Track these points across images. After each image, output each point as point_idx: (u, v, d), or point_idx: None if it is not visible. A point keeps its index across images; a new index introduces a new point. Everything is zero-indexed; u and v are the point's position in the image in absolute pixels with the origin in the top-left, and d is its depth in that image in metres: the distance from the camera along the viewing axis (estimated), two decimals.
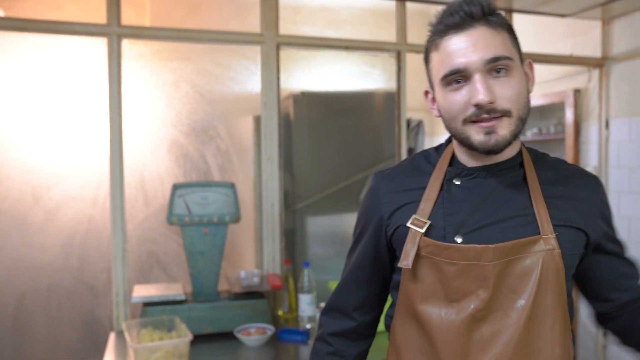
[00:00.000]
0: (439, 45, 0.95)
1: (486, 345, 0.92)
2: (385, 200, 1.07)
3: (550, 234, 0.94)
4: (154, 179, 2.36)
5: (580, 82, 3.01)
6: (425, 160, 1.09)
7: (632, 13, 2.67)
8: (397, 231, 1.03)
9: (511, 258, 0.92)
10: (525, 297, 0.92)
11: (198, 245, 2.09)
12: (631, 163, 2.71)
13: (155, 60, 2.34)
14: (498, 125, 0.92)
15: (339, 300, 1.15)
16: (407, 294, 1.01)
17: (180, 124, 2.38)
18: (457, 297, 0.94)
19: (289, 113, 2.51)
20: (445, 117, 0.98)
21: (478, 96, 0.90)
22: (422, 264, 0.98)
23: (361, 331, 1.15)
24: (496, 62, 0.91)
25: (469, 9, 0.92)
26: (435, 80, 0.99)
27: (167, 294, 2.02)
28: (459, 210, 0.98)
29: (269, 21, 2.23)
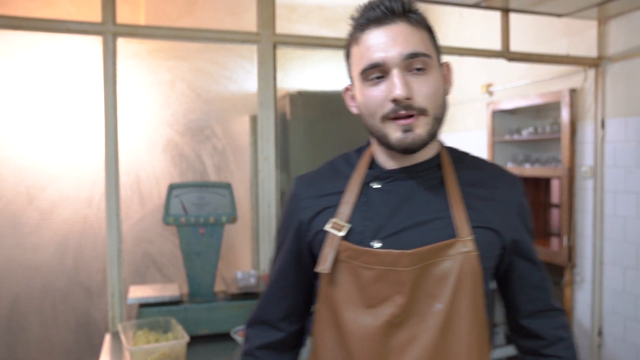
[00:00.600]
0: (359, 39, 0.93)
1: (403, 351, 0.92)
2: (305, 205, 1.04)
3: (467, 237, 0.93)
4: (150, 179, 2.34)
5: (576, 81, 3.02)
6: (345, 163, 1.07)
7: (628, 13, 2.67)
8: (317, 236, 1.01)
9: (428, 262, 0.92)
10: (442, 301, 0.92)
11: (194, 246, 2.08)
12: (627, 163, 2.72)
13: (151, 59, 2.33)
14: (415, 123, 0.91)
15: (264, 312, 1.11)
16: (325, 299, 0.99)
17: (176, 124, 2.37)
18: (374, 303, 0.93)
19: (286, 112, 2.49)
20: (365, 114, 0.96)
21: (395, 91, 0.89)
22: (341, 269, 0.96)
23: (289, 342, 1.12)
24: (414, 58, 0.90)
25: (390, 4, 0.91)
26: (354, 75, 0.96)
27: (163, 295, 2.01)
28: (377, 215, 0.97)
29: (265, 20, 2.22)
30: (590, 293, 2.91)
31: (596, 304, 2.88)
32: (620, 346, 2.73)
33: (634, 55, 2.65)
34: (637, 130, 2.65)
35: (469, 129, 4.03)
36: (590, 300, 2.91)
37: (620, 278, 2.76)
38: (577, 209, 3.06)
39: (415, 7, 0.95)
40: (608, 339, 2.81)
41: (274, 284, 1.11)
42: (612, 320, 2.80)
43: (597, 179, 2.91)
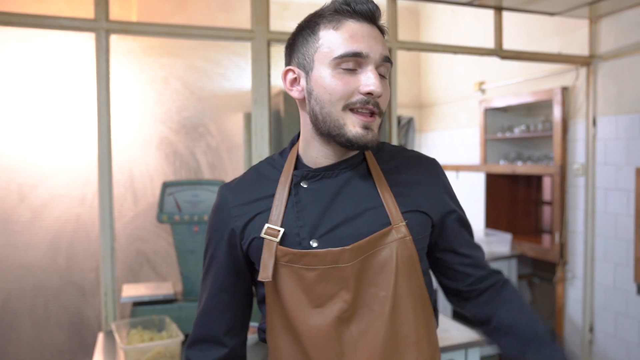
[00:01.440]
0: (342, 24, 0.93)
1: (357, 343, 0.93)
2: (235, 213, 1.02)
3: (400, 222, 0.96)
4: (144, 177, 2.33)
5: (567, 80, 3.04)
6: (270, 166, 1.06)
7: (618, 12, 2.69)
8: (252, 244, 1.00)
9: (367, 254, 0.94)
10: (386, 289, 0.94)
11: (188, 244, 2.07)
12: (617, 160, 2.75)
13: (144, 56, 2.31)
14: (373, 122, 0.94)
15: (205, 329, 1.07)
16: (273, 305, 0.99)
17: (170, 121, 2.35)
18: (321, 302, 0.94)
19: (280, 110, 2.49)
20: (323, 99, 0.94)
21: (372, 85, 0.90)
22: (282, 274, 0.96)
23: (234, 356, 1.09)
24: (386, 62, 0.94)
25: (375, 8, 0.95)
26: (320, 59, 0.94)
27: (157, 294, 2.00)
28: (310, 214, 0.97)
29: (259, 17, 2.21)
30: (582, 289, 2.94)
31: (587, 301, 2.91)
32: (611, 342, 2.76)
33: (625, 53, 2.68)
34: (628, 128, 2.68)
35: (462, 126, 4.05)
36: (581, 297, 2.93)
37: (611, 274, 2.79)
38: (569, 206, 3.09)
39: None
40: (599, 334, 2.84)
41: (213, 299, 1.07)
42: (603, 316, 2.83)
43: (589, 176, 2.93)
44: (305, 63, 0.97)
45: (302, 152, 1.03)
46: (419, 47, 2.53)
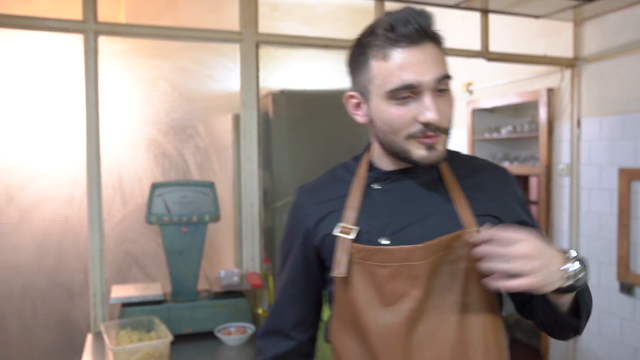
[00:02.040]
0: (390, 54, 0.91)
1: (425, 344, 0.93)
2: (308, 212, 1.06)
3: (473, 227, 0.96)
4: (132, 178, 2.33)
5: (553, 81, 3.08)
6: (344, 170, 1.09)
7: (602, 15, 2.74)
8: (324, 241, 1.03)
9: (439, 255, 0.94)
10: (456, 293, 0.94)
11: (177, 245, 2.08)
12: (601, 161, 2.79)
13: (133, 58, 2.31)
14: (438, 142, 0.94)
15: (275, 322, 1.13)
16: (342, 302, 1.01)
17: (159, 122, 2.36)
18: (391, 300, 0.94)
19: (268, 111, 2.50)
20: (383, 129, 0.96)
21: (428, 114, 0.90)
22: (354, 271, 0.98)
23: (301, 350, 1.14)
24: (444, 79, 0.92)
25: (423, 22, 0.90)
26: (375, 90, 0.94)
27: (145, 294, 2.00)
28: (382, 213, 0.99)
29: (248, 19, 2.22)
30: None
31: None
32: (595, 339, 2.81)
33: (608, 56, 2.73)
34: (611, 129, 2.72)
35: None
36: None
37: (595, 273, 2.84)
38: (554, 206, 3.14)
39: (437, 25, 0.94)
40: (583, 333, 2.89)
41: (283, 293, 1.13)
42: None
43: (573, 176, 2.98)
44: (364, 91, 0.98)
45: (374, 158, 1.06)
46: None
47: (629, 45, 2.61)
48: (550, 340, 3.12)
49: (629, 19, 2.60)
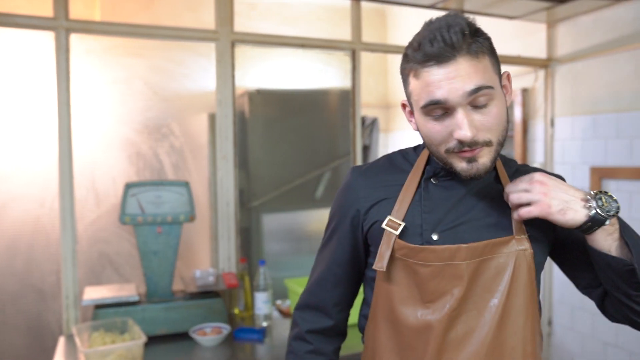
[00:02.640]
0: (419, 73, 0.92)
1: (460, 344, 0.94)
2: (362, 194, 1.06)
3: (522, 235, 0.96)
4: (106, 178, 2.30)
5: (527, 81, 3.13)
6: (403, 158, 1.10)
7: (574, 18, 2.79)
8: (373, 227, 1.04)
9: (484, 258, 0.94)
10: (498, 297, 0.94)
11: (152, 245, 2.06)
12: (573, 160, 2.85)
13: (106, 56, 2.28)
14: (479, 154, 0.92)
15: (316, 298, 1.14)
16: (382, 295, 1.02)
17: (133, 122, 2.33)
18: (432, 298, 0.95)
19: (244, 111, 2.49)
20: (427, 142, 0.98)
21: (460, 132, 0.89)
22: (397, 266, 0.99)
23: (337, 329, 1.16)
24: (477, 92, 0.88)
25: (450, 38, 0.87)
26: (414, 105, 0.97)
27: (119, 295, 1.98)
28: (436, 209, 0.99)
29: (223, 18, 2.21)
30: (542, 285, 3.03)
31: (547, 295, 3.00)
32: (568, 334, 2.87)
33: (580, 57, 2.78)
34: (583, 128, 2.78)
35: None
36: (541, 292, 3.03)
37: None
38: None
39: (475, 30, 0.91)
40: (557, 327, 2.94)
41: (328, 271, 1.13)
42: (561, 310, 2.93)
43: None
44: (410, 102, 1.00)
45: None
46: (383, 49, 2.56)
47: (600, 47, 2.66)
48: None
49: (599, 21, 2.66)
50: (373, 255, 1.03)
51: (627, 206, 2.53)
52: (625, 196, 2.54)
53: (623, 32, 2.54)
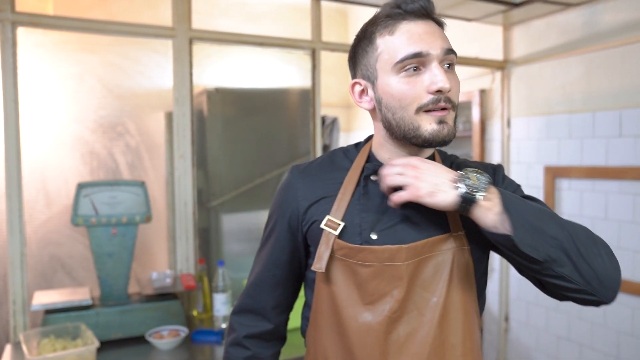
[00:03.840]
0: (396, 28, 0.93)
1: (403, 346, 0.93)
2: (301, 193, 1.04)
3: (459, 231, 0.97)
4: (57, 178, 2.21)
5: (485, 82, 3.20)
6: (343, 155, 1.08)
7: (528, 21, 2.87)
8: (311, 227, 1.02)
9: (423, 257, 0.94)
10: (438, 295, 0.94)
11: (106, 247, 2.00)
12: (529, 159, 2.93)
13: (57, 51, 2.19)
14: (447, 116, 0.93)
15: (254, 301, 1.11)
16: (322, 297, 1.00)
17: (86, 120, 2.25)
18: (372, 300, 0.94)
19: (203, 109, 2.45)
20: (393, 106, 0.94)
21: (439, 82, 0.90)
22: (337, 267, 0.97)
23: (277, 332, 1.13)
24: (449, 54, 0.93)
25: (426, 3, 0.93)
26: (382, 67, 0.95)
27: (71, 300, 1.91)
28: (375, 207, 0.98)
29: (180, 15, 2.16)
30: (499, 282, 3.10)
31: (503, 292, 3.07)
32: (524, 329, 2.94)
33: (534, 60, 2.86)
34: (537, 129, 2.86)
35: None
36: (498, 289, 3.10)
37: None
38: None
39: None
40: (513, 323, 3.02)
41: (265, 273, 1.09)
42: (517, 306, 3.01)
43: None
44: (369, 74, 0.98)
45: (375, 150, 1.04)
46: (343, 49, 2.57)
47: (553, 50, 2.74)
48: (483, 332, 3.24)
49: (552, 25, 2.74)
50: (313, 256, 1.01)
51: (579, 204, 2.62)
52: (577, 194, 2.63)
53: (574, 37, 2.63)
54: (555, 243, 0.85)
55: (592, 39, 2.53)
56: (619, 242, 2.43)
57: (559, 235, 0.85)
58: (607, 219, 2.48)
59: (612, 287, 0.87)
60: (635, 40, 2.32)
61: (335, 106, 4.20)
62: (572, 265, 0.85)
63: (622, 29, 2.40)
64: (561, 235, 0.85)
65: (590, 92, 2.55)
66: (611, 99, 2.45)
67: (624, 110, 2.39)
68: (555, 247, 0.85)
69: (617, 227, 2.44)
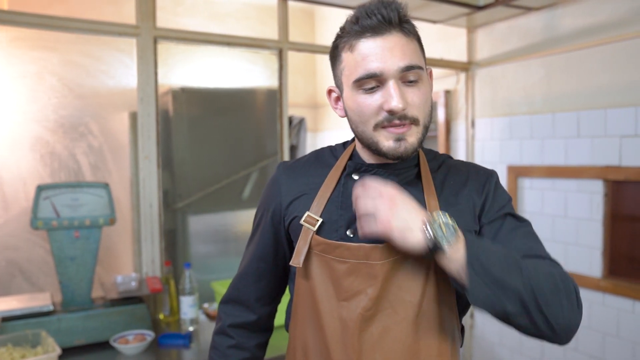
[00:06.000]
0: (354, 46, 0.93)
1: (376, 343, 0.93)
2: (284, 189, 1.07)
3: None
4: (15, 180, 2.14)
5: (450, 83, 3.26)
6: (330, 153, 1.10)
7: (491, 24, 2.94)
8: (293, 222, 1.04)
9: (400, 256, 0.94)
10: (413, 294, 0.94)
11: (68, 251, 1.94)
12: (492, 159, 2.99)
13: (13, 49, 2.12)
14: (407, 132, 0.93)
15: (239, 292, 1.15)
16: (301, 292, 1.02)
17: (46, 120, 2.18)
18: (347, 296, 0.95)
19: (168, 109, 2.41)
20: (355, 120, 0.97)
21: (392, 102, 0.90)
22: (315, 263, 0.98)
23: (261, 323, 1.17)
24: (410, 70, 0.91)
25: (387, 13, 0.90)
26: (345, 82, 0.97)
27: (31, 306, 1.85)
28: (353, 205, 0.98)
29: (145, 13, 2.12)
30: None
31: None
32: (488, 324, 3.01)
33: (497, 62, 2.93)
34: (500, 129, 2.93)
35: None
36: None
37: None
38: None
39: (408, 17, 0.94)
40: (478, 319, 3.09)
41: (251, 265, 1.13)
42: None
43: None
44: (338, 83, 1.00)
45: (359, 149, 1.05)
46: (310, 49, 2.57)
47: (515, 52, 2.82)
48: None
49: (514, 28, 2.81)
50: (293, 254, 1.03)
51: (540, 203, 2.70)
52: (538, 193, 2.71)
53: (534, 40, 2.70)
54: (515, 296, 0.84)
55: (552, 42, 2.61)
56: (576, 239, 2.51)
57: (519, 288, 0.84)
58: (567, 216, 2.56)
59: (567, 335, 0.88)
60: (592, 45, 2.41)
61: (303, 106, 4.20)
62: (528, 318, 0.85)
63: (579, 33, 2.48)
64: (522, 288, 0.84)
65: (550, 94, 2.63)
66: (570, 100, 2.54)
67: (582, 111, 2.48)
68: (514, 300, 0.84)
69: (575, 224, 2.52)
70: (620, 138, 2.32)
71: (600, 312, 2.42)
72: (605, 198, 2.39)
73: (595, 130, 2.42)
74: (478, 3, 2.53)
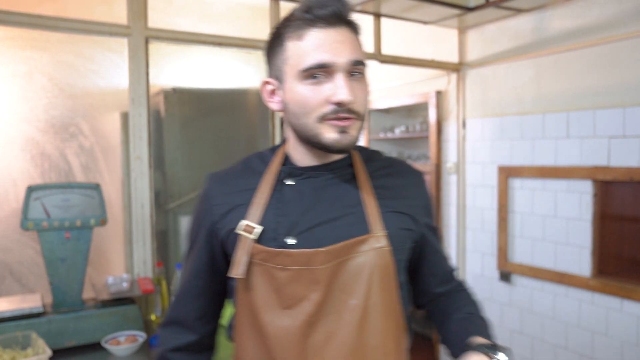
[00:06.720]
0: (304, 35, 0.91)
1: (322, 349, 0.92)
2: (216, 202, 1.03)
3: (380, 232, 0.96)
4: (5, 181, 2.12)
5: (441, 84, 3.28)
6: (259, 160, 1.06)
7: (482, 25, 2.96)
8: (229, 236, 1.00)
9: (342, 259, 0.93)
10: (357, 297, 0.93)
11: (59, 252, 1.93)
12: (483, 159, 3.02)
13: (3, 48, 2.10)
14: (351, 126, 0.93)
15: (178, 313, 1.09)
16: (243, 304, 0.99)
17: (36, 120, 2.17)
18: (290, 304, 0.93)
19: (160, 110, 2.41)
20: (296, 112, 0.95)
21: (341, 95, 0.89)
22: (256, 272, 0.96)
23: (203, 343, 1.11)
24: (358, 65, 0.92)
25: (340, 8, 0.91)
26: (289, 71, 0.94)
27: (21, 307, 1.84)
28: (291, 211, 0.97)
29: (136, 12, 2.11)
30: None
31: None
32: None
33: (487, 63, 2.95)
34: (491, 130, 2.95)
35: None
36: None
37: (479, 263, 3.06)
38: (444, 202, 3.34)
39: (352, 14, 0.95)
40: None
41: (187, 284, 1.08)
42: None
43: (460, 174, 3.19)
44: (278, 75, 0.97)
45: (289, 152, 1.03)
46: None
47: (505, 53, 2.84)
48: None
49: (504, 29, 2.83)
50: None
51: (530, 203, 2.72)
52: (528, 193, 2.73)
53: (524, 41, 2.73)
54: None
55: (541, 44, 2.64)
56: (567, 239, 2.54)
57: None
58: (557, 216, 2.58)
59: None
60: (581, 46, 2.43)
61: None
62: None
63: (568, 35, 2.51)
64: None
65: (540, 94, 2.66)
66: (559, 101, 2.56)
67: (571, 112, 2.50)
68: None
69: (565, 224, 2.55)
70: (608, 139, 2.35)
71: (589, 310, 2.45)
72: (594, 198, 2.42)
73: (584, 131, 2.44)
74: (469, 4, 2.55)
